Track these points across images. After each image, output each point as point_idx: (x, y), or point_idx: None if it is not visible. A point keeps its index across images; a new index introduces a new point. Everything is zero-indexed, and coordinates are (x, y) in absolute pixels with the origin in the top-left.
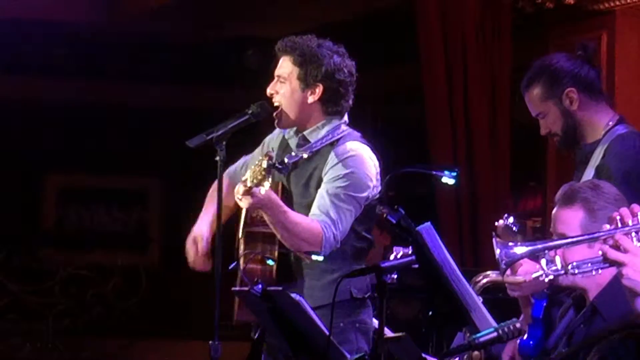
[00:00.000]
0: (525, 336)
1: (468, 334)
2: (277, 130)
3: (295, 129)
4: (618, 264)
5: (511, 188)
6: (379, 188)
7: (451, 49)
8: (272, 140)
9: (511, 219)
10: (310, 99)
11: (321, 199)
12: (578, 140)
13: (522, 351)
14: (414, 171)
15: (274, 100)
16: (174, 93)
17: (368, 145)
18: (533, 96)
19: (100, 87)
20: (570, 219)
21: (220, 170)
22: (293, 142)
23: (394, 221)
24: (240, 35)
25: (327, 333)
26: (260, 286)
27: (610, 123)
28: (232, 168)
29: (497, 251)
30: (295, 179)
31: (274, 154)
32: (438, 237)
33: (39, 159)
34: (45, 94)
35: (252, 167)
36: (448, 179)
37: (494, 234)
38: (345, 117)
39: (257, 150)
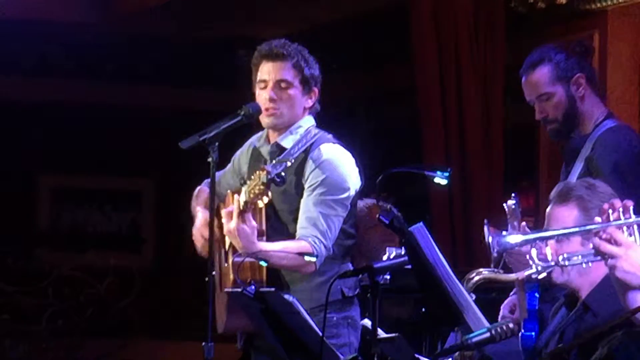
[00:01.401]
0: (523, 330)
1: (461, 334)
2: (246, 144)
3: (265, 136)
4: (611, 257)
5: (504, 187)
6: (361, 182)
7: (444, 49)
8: (242, 155)
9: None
10: (309, 103)
11: (307, 210)
12: (573, 129)
13: (525, 344)
14: (406, 171)
15: (274, 106)
16: (168, 93)
17: (339, 144)
18: (541, 75)
19: (94, 88)
20: (564, 217)
21: (213, 171)
22: (265, 150)
23: (387, 222)
24: (233, 36)
25: (320, 334)
26: (253, 287)
27: (600, 117)
28: (205, 187)
29: (490, 239)
30: (275, 186)
31: (270, 168)
32: (431, 238)
33: (34, 159)
34: (40, 94)
35: (249, 182)
36: (440, 179)
37: (485, 221)
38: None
39: (229, 167)
